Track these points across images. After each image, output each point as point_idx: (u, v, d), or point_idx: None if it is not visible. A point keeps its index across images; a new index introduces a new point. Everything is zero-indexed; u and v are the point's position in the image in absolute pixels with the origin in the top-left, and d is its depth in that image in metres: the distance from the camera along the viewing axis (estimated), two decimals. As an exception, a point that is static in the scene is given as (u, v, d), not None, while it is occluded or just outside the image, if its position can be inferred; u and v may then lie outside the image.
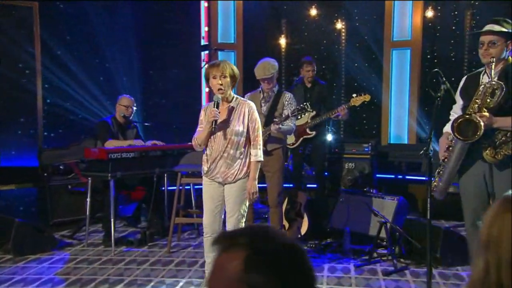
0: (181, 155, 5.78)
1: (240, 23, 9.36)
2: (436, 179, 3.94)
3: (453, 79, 7.93)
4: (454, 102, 4.00)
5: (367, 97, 5.89)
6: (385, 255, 5.08)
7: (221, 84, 4.03)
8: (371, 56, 8.78)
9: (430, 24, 8.45)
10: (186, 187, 6.63)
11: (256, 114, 4.18)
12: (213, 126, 4.00)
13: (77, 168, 6.70)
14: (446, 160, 3.84)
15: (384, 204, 5.34)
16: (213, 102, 4.15)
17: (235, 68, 4.16)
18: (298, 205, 5.65)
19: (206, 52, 9.54)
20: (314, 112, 6.17)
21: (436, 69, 3.75)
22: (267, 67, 5.25)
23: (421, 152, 3.62)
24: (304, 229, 5.60)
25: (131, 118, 6.11)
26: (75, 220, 6.39)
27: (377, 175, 6.95)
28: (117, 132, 5.98)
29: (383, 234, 5.24)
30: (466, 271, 4.67)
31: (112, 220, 5.38)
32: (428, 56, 8.45)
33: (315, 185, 6.74)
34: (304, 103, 5.01)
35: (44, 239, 5.55)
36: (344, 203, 5.65)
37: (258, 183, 4.17)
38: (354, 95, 5.95)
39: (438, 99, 3.63)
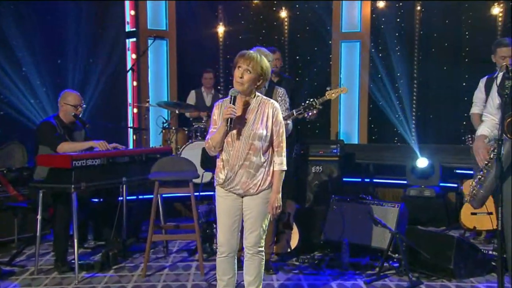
0: (151, 161, 5.26)
1: (172, 7, 8.83)
2: (476, 186, 3.85)
3: (398, 74, 8.40)
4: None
5: (344, 90, 5.74)
6: (393, 268, 4.97)
7: (241, 78, 3.66)
8: (318, 47, 8.73)
9: (374, 16, 8.57)
10: (145, 196, 6.14)
11: (281, 116, 3.85)
12: (229, 125, 3.62)
13: (4, 178, 5.89)
14: (489, 164, 3.74)
15: (385, 211, 5.24)
16: (229, 97, 3.75)
17: (268, 66, 3.77)
18: (286, 216, 5.37)
19: (133, 39, 8.90)
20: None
21: (505, 64, 3.66)
22: (264, 54, 4.88)
23: (491, 156, 3.53)
24: (294, 242, 5.34)
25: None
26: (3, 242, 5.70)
27: (344, 179, 6.87)
28: (64, 135, 5.28)
29: (381, 244, 5.15)
30: (481, 283, 4.70)
31: (76, 240, 4.72)
32: (377, 48, 8.55)
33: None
34: (312, 99, 4.73)
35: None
36: (337, 212, 5.47)
37: None
38: (329, 88, 5.76)
39: (506, 96, 3.54)
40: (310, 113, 5.39)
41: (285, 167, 3.79)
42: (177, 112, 7.55)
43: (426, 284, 4.70)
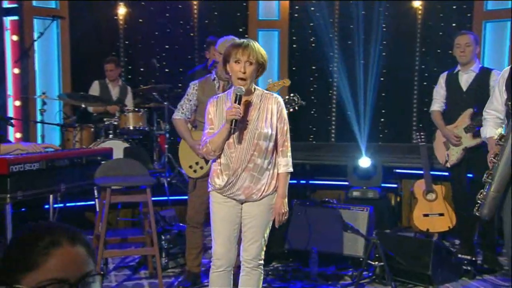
0: (93, 164, 4.76)
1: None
2: (483, 191, 3.85)
3: (313, 68, 8.48)
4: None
5: (286, 82, 5.66)
6: (369, 277, 4.94)
7: (245, 73, 3.43)
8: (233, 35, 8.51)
9: (297, 8, 8.58)
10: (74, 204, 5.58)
11: (285, 112, 3.67)
12: (233, 126, 3.39)
13: None
14: (496, 158, 3.71)
15: (354, 216, 5.20)
16: (224, 94, 3.66)
17: (264, 53, 3.57)
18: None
19: (14, 18, 7.99)
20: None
21: None
22: (221, 42, 4.64)
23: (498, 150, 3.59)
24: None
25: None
26: None
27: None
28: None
29: (354, 252, 5.13)
30: (458, 288, 4.84)
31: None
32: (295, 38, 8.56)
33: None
34: (292, 94, 4.56)
35: None
36: (302, 218, 5.32)
37: None
38: (270, 80, 5.63)
39: None
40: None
41: (291, 169, 3.66)
42: (83, 106, 6.89)
43: (407, 293, 4.74)
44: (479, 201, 3.84)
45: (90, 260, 1.43)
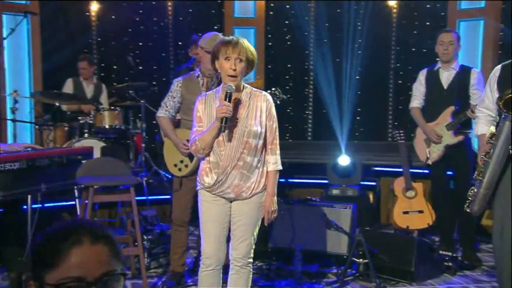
0: (73, 164, 4.65)
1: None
2: (474, 188, 3.89)
3: (289, 66, 8.48)
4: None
5: (259, 83, 5.68)
6: (353, 275, 4.96)
7: (235, 70, 3.42)
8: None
9: (272, 5, 8.59)
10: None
11: (274, 110, 3.71)
12: (224, 124, 3.39)
13: None
14: (487, 156, 3.72)
15: (338, 214, 5.23)
16: (213, 92, 3.64)
17: (254, 50, 3.58)
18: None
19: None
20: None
21: None
22: (209, 37, 4.62)
23: (490, 148, 3.64)
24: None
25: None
26: None
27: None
28: None
29: (338, 250, 5.15)
30: (440, 284, 4.89)
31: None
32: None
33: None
34: (274, 89, 4.57)
35: None
36: (285, 216, 5.31)
37: None
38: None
39: None
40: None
41: (280, 167, 3.72)
42: (57, 105, 6.76)
43: (393, 290, 4.78)
44: (469, 198, 3.90)
45: (113, 259, 1.42)
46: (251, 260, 3.67)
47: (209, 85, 4.60)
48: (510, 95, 3.58)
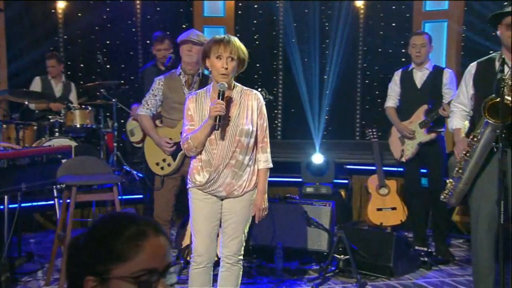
0: (53, 163, 4.62)
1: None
2: (453, 182, 4.05)
3: (258, 65, 8.50)
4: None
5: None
6: (333, 271, 5.04)
7: (227, 69, 3.47)
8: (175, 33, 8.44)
9: (240, 5, 8.62)
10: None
11: (265, 109, 3.76)
12: (218, 123, 3.42)
13: None
14: (467, 155, 3.87)
15: (318, 211, 5.28)
16: (203, 91, 3.66)
17: (245, 49, 3.64)
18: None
19: None
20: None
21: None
22: (196, 32, 4.66)
23: (471, 147, 3.78)
24: (219, 248, 5.10)
25: None
26: None
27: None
28: None
29: (318, 247, 5.22)
30: (417, 279, 5.01)
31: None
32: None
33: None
34: (260, 89, 4.59)
35: None
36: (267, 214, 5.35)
37: None
38: None
39: (502, 87, 3.74)
40: None
41: (271, 165, 3.76)
42: (26, 103, 6.63)
43: (371, 284, 4.87)
44: (447, 190, 4.03)
45: (170, 250, 1.47)
46: (241, 257, 3.71)
47: (190, 82, 4.61)
48: (492, 101, 3.71)
